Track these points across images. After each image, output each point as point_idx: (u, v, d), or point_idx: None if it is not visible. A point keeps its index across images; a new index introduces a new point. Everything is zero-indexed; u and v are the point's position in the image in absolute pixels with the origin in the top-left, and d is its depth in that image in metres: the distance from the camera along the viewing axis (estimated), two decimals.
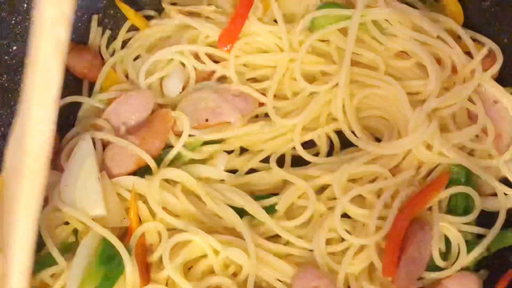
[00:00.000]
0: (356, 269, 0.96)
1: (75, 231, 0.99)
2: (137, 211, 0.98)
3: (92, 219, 0.95)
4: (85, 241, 0.95)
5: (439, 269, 0.95)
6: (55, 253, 0.95)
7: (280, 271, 0.97)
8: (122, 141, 1.01)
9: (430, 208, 0.99)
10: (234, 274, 0.97)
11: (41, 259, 0.96)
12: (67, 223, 0.99)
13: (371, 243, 0.94)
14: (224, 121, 1.06)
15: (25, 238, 0.74)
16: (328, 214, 0.98)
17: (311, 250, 0.98)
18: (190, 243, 0.96)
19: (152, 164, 1.02)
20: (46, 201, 0.95)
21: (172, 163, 1.04)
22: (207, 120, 1.05)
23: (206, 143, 1.07)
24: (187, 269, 0.98)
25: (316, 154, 1.08)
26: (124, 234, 0.98)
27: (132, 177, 1.01)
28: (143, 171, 1.03)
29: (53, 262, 0.96)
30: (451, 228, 0.97)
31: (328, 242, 0.97)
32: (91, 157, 0.98)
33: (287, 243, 1.00)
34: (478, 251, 0.96)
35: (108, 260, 0.93)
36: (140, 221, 0.99)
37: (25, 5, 1.03)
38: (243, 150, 1.10)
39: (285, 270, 0.97)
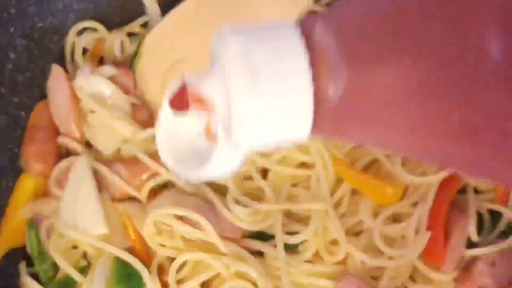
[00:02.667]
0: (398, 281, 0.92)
1: (85, 254, 0.96)
2: (136, 230, 0.94)
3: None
4: (99, 263, 0.92)
5: (473, 245, 0.92)
6: (73, 273, 0.93)
7: None
8: (109, 173, 0.95)
9: (462, 190, 0.95)
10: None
11: (58, 286, 0.94)
12: (75, 247, 0.96)
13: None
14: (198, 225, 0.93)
15: None
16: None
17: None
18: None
19: (140, 197, 0.96)
20: None
21: None
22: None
23: None
24: None
25: None
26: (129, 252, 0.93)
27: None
28: None
29: (72, 284, 0.94)
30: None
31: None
32: (88, 177, 0.94)
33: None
34: (504, 221, 0.94)
35: (127, 277, 0.90)
36: (142, 239, 0.94)
37: None
38: None
39: None
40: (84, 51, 1.09)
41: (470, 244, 0.92)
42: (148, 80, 1.06)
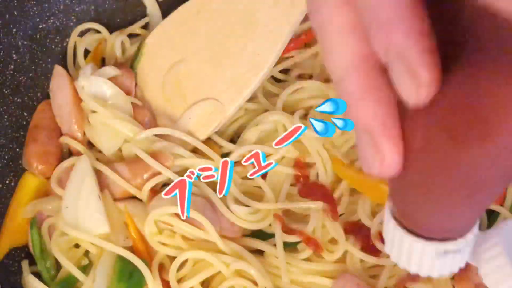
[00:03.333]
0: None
1: (87, 253, 0.96)
2: (138, 230, 0.95)
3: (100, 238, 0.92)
4: (101, 261, 0.93)
5: None
6: (75, 271, 0.93)
7: None
8: (110, 172, 0.96)
9: None
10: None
11: (60, 284, 0.94)
12: (77, 245, 0.97)
13: None
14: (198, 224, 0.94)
15: None
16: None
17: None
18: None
19: (141, 196, 0.97)
20: None
21: None
22: None
23: None
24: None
25: None
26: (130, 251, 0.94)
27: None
28: None
29: (74, 283, 0.94)
30: None
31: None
32: (89, 176, 0.94)
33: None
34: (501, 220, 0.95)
35: (128, 276, 0.91)
36: (143, 238, 0.95)
37: None
38: None
39: None
40: (86, 52, 1.10)
41: None
42: (149, 81, 1.06)
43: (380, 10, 0.36)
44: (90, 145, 1.02)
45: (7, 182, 1.00)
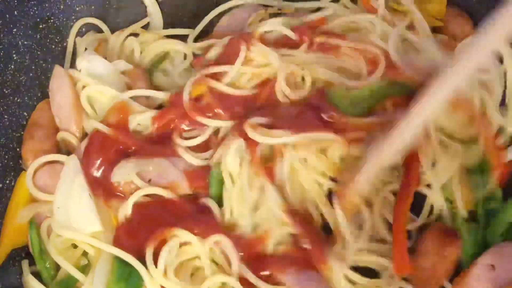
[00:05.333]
0: None
1: (86, 253, 0.96)
2: None
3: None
4: (100, 261, 0.92)
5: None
6: (74, 272, 0.93)
7: None
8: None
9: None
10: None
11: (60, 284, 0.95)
12: (75, 246, 0.96)
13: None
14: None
15: None
16: None
17: None
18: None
19: None
20: None
21: None
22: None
23: None
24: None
25: None
26: None
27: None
28: None
29: (73, 283, 0.95)
30: None
31: None
32: (79, 175, 0.94)
33: None
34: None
35: (127, 276, 0.90)
36: None
37: None
38: None
39: None
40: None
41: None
42: None
43: None
44: None
45: (7, 182, 1.01)
